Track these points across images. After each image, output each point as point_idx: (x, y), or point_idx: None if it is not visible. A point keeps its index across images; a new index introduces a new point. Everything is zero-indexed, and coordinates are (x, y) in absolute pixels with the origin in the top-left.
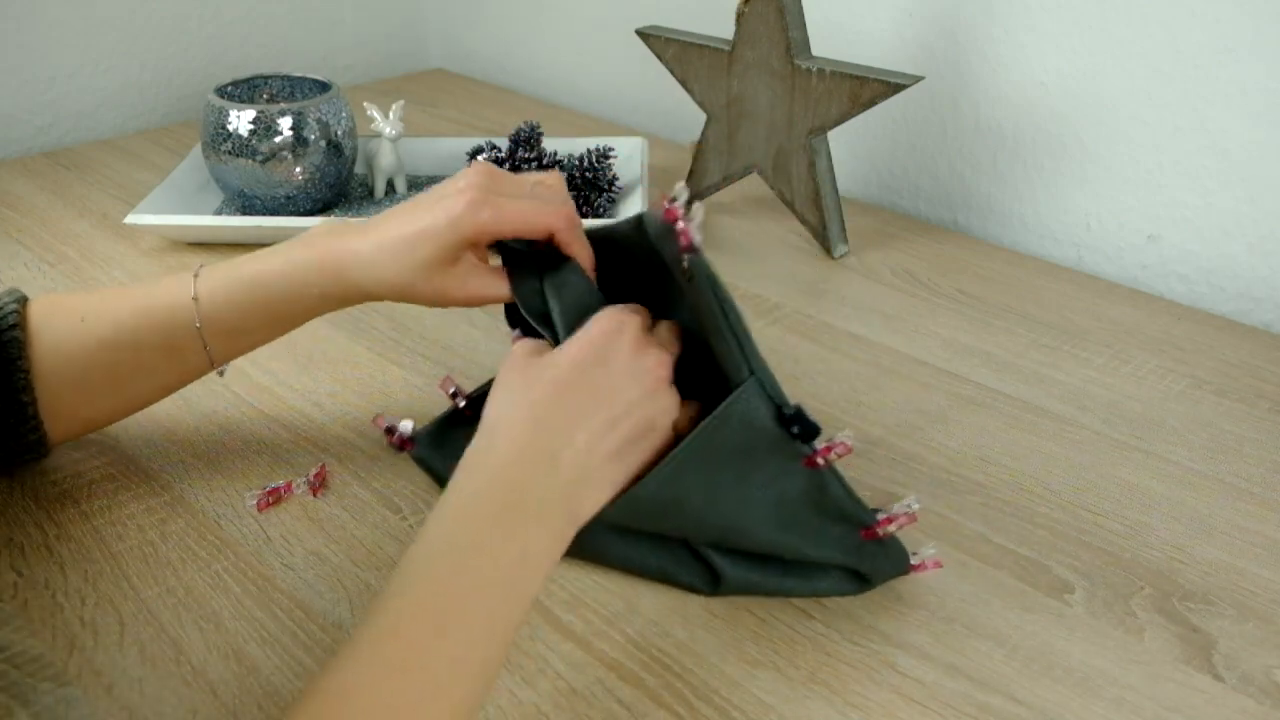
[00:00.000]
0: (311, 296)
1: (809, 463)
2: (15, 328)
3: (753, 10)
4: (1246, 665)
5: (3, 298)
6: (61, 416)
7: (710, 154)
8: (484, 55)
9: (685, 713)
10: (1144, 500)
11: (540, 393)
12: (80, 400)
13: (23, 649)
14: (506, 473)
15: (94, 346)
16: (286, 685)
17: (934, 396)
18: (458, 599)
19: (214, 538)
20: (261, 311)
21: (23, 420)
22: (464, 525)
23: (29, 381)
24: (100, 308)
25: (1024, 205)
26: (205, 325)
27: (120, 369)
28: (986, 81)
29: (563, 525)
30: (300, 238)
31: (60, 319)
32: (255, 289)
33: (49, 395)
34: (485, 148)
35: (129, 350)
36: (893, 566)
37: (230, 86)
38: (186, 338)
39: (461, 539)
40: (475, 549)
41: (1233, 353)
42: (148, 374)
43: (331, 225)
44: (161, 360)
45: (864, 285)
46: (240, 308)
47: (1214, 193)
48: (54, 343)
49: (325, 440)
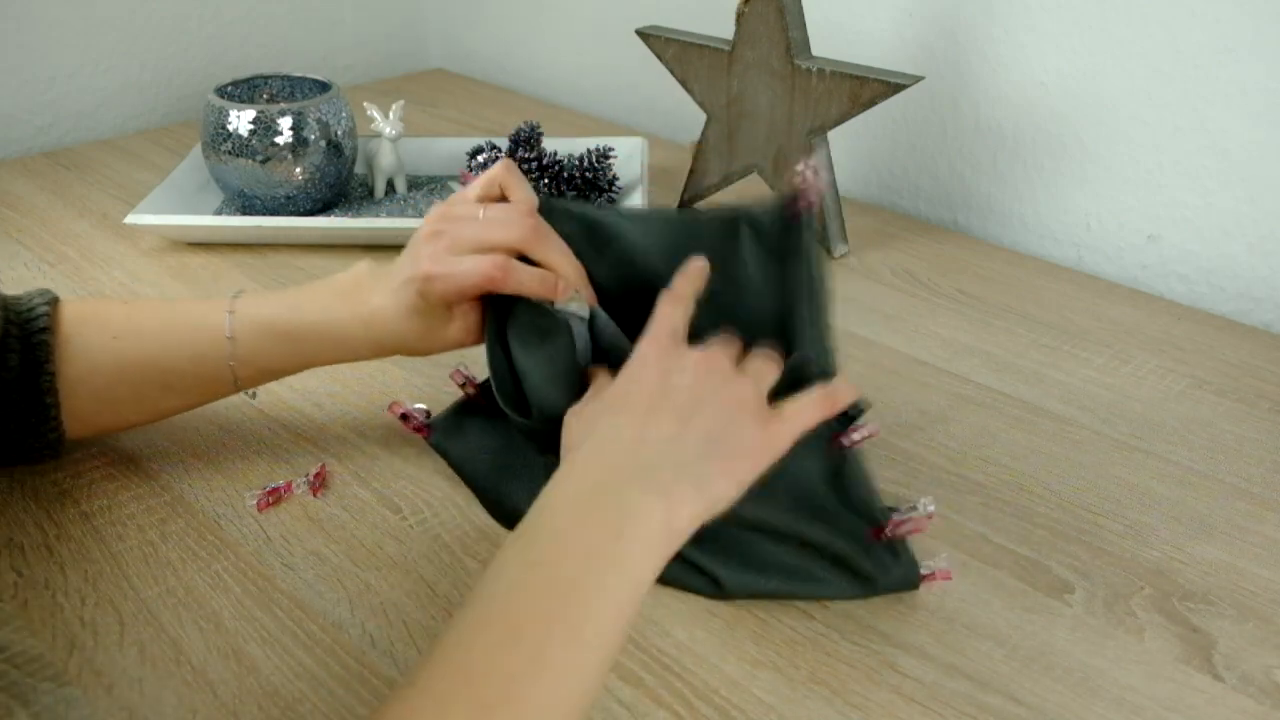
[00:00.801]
0: (345, 351)
1: (835, 441)
2: (46, 331)
3: (753, 10)
4: (1246, 665)
5: (34, 299)
6: (82, 421)
7: (710, 154)
8: (484, 55)
9: (685, 713)
10: (1144, 500)
11: (611, 420)
12: (102, 409)
13: (23, 649)
14: (591, 498)
15: (123, 363)
16: (286, 685)
17: (934, 396)
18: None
19: (214, 538)
20: (297, 359)
21: (44, 421)
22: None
23: (54, 385)
24: (133, 326)
25: (1024, 205)
26: (238, 364)
27: (147, 387)
28: (986, 81)
29: (660, 533)
30: (341, 286)
31: (92, 331)
32: (292, 341)
33: (72, 401)
34: (485, 148)
35: (157, 372)
36: (902, 576)
37: (230, 86)
38: (218, 369)
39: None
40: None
41: (1233, 353)
42: (174, 394)
43: (376, 271)
44: (190, 384)
45: (864, 285)
46: (275, 354)
47: (1214, 193)
48: (83, 352)
49: (325, 440)
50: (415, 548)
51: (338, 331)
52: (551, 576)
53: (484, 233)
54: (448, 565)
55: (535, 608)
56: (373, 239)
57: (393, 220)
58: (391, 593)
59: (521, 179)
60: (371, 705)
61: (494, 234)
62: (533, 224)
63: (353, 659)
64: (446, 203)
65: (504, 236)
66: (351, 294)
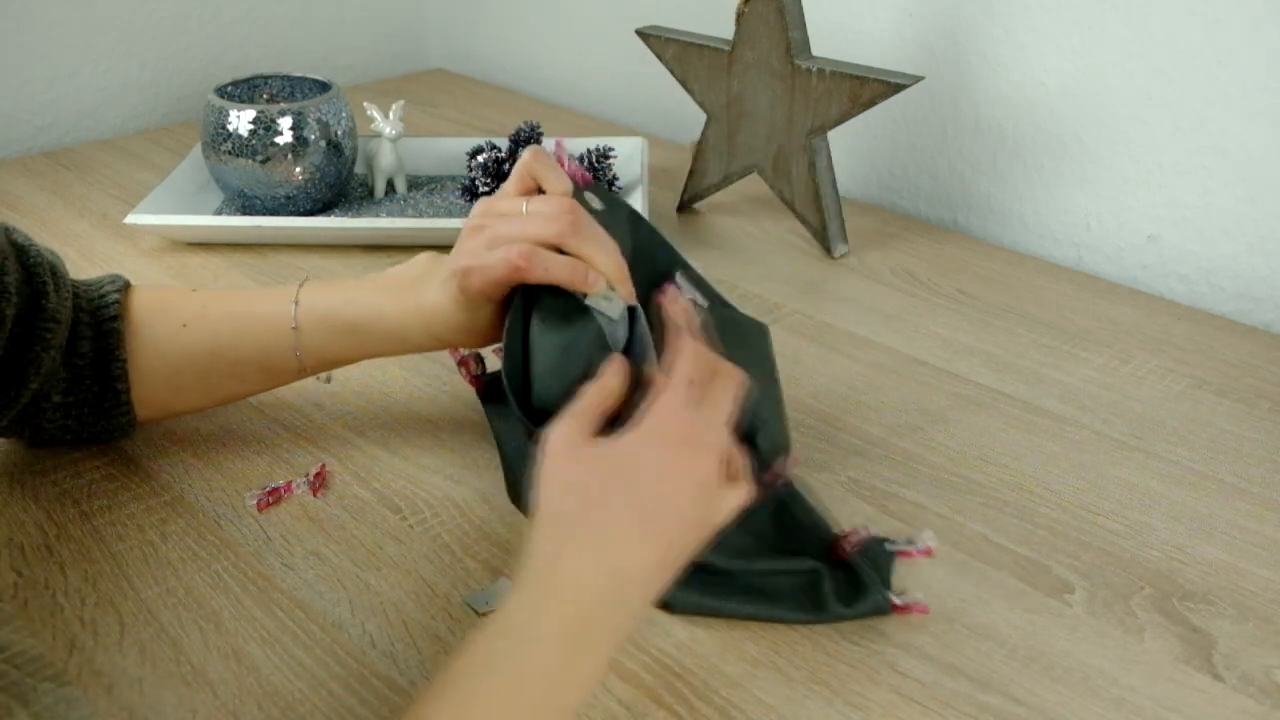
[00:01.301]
0: (404, 343)
1: (760, 487)
2: (117, 319)
3: (753, 10)
4: (1246, 665)
5: (105, 285)
6: (152, 405)
7: (710, 154)
8: (484, 55)
9: (685, 713)
10: (1144, 500)
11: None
12: (170, 394)
13: (23, 649)
14: (564, 609)
15: (191, 352)
16: (286, 685)
17: (934, 396)
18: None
19: (214, 538)
20: (359, 350)
21: (116, 404)
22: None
23: (125, 371)
24: (202, 315)
25: (1024, 205)
26: (303, 354)
27: (214, 376)
28: (986, 81)
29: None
30: (398, 280)
31: (161, 321)
32: (355, 334)
33: (142, 386)
34: (485, 148)
35: (225, 361)
36: (872, 603)
37: (230, 86)
38: (283, 358)
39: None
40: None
41: (1233, 353)
42: (240, 380)
43: (432, 266)
44: (255, 372)
45: (864, 285)
46: (338, 345)
47: (1214, 193)
48: (152, 341)
49: (325, 440)
50: (415, 548)
51: (395, 325)
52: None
53: (524, 228)
54: (448, 565)
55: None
56: (373, 239)
57: (393, 220)
58: (391, 593)
59: (552, 165)
60: (371, 705)
61: (533, 229)
62: (570, 219)
63: (353, 659)
64: (492, 197)
65: (542, 231)
66: (407, 288)
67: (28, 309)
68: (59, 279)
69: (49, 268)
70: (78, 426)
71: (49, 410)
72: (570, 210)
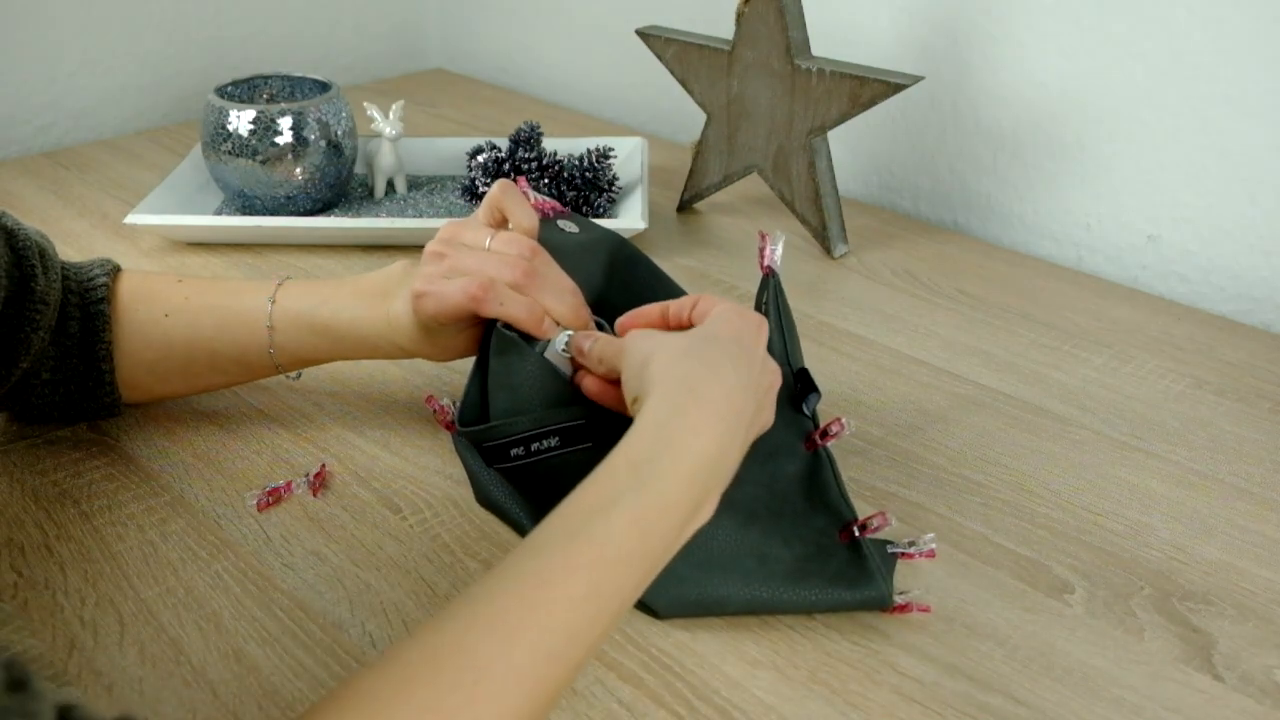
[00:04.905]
0: (372, 349)
1: (809, 443)
2: (104, 302)
3: (753, 10)
4: (1246, 665)
5: (94, 268)
6: (137, 388)
7: (710, 154)
8: (484, 55)
9: (685, 713)
10: (1144, 500)
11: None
12: (154, 379)
13: (23, 649)
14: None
15: (172, 341)
16: (286, 685)
17: (934, 396)
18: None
19: (214, 538)
20: (331, 351)
21: (100, 385)
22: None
23: (109, 352)
24: (184, 305)
25: (1024, 205)
26: (278, 351)
27: (194, 365)
28: (986, 81)
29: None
30: (370, 287)
31: (145, 308)
32: (326, 337)
33: (126, 368)
34: (485, 148)
35: (204, 353)
36: (874, 595)
37: (230, 86)
38: (258, 354)
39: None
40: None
41: (1233, 353)
42: (220, 372)
43: (404, 277)
44: (233, 365)
45: (864, 285)
46: (310, 346)
47: (1214, 193)
48: (137, 327)
49: (325, 440)
50: (415, 548)
51: (366, 333)
52: (538, 566)
53: (483, 265)
54: (448, 565)
55: (517, 599)
56: (373, 239)
57: (393, 220)
58: (391, 593)
59: (520, 199)
60: None
61: (491, 268)
62: (527, 266)
63: (353, 659)
64: (458, 223)
65: (499, 273)
66: (377, 296)
67: (17, 291)
68: (47, 261)
69: (37, 250)
70: (64, 404)
71: (38, 386)
72: (530, 255)
